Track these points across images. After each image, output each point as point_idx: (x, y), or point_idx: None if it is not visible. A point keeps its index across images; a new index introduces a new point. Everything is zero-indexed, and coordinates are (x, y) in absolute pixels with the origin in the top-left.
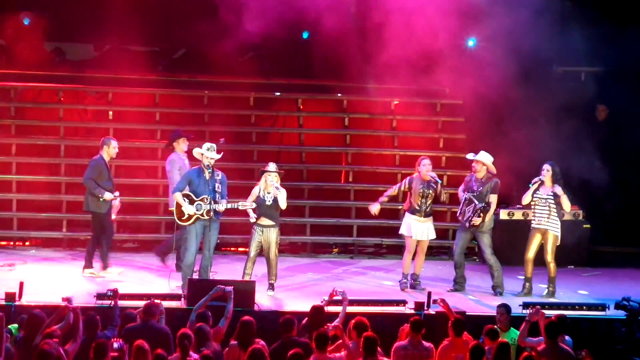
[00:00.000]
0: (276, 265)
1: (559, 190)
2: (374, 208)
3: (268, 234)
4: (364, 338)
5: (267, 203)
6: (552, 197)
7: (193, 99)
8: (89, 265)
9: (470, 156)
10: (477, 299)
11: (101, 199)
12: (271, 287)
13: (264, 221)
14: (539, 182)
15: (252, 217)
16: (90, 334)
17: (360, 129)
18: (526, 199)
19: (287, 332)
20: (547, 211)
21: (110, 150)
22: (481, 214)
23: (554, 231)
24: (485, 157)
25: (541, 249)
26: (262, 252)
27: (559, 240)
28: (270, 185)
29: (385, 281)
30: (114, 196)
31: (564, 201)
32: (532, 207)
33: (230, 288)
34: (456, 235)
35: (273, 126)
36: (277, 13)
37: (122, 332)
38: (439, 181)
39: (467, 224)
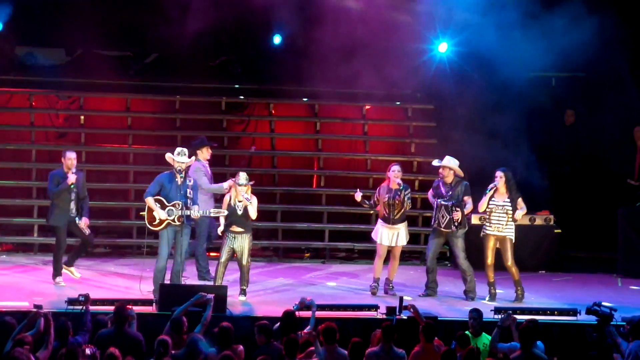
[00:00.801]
0: (248, 271)
1: (519, 214)
2: (357, 196)
3: (240, 241)
4: (352, 344)
5: (239, 212)
6: (509, 204)
7: (165, 104)
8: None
9: (436, 162)
10: (449, 304)
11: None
12: (243, 292)
13: (236, 228)
14: (495, 188)
15: (221, 227)
16: (61, 340)
17: (332, 134)
18: (483, 206)
19: (267, 338)
20: (505, 218)
21: (65, 161)
22: (457, 209)
23: (511, 236)
24: (451, 162)
25: (499, 255)
26: (234, 257)
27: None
28: (240, 195)
29: (356, 286)
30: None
31: (519, 214)
32: (488, 213)
33: (211, 296)
34: (428, 241)
35: (245, 131)
36: (249, 17)
37: (94, 339)
38: (402, 189)
39: (453, 227)
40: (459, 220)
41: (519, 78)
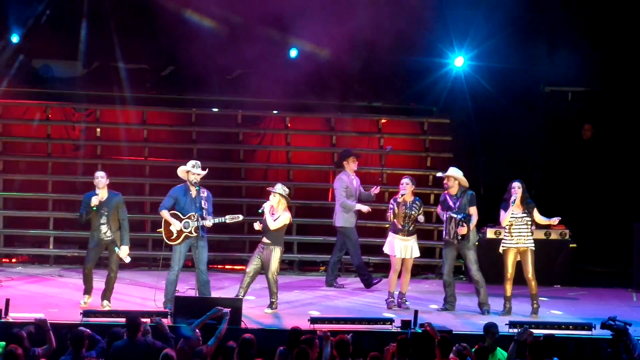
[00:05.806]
0: (275, 284)
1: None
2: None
3: (268, 253)
4: (370, 357)
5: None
6: (527, 215)
7: (181, 117)
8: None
9: (440, 174)
10: (465, 318)
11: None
12: (270, 304)
13: (265, 240)
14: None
15: (257, 226)
16: (75, 350)
17: (348, 147)
18: (506, 220)
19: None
20: (527, 230)
21: (94, 181)
22: (464, 224)
23: (532, 247)
24: (456, 172)
25: (520, 267)
26: (262, 269)
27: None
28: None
29: (371, 299)
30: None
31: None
32: (508, 227)
33: (227, 310)
34: (443, 254)
35: (260, 144)
36: (265, 31)
37: (108, 351)
38: (415, 201)
39: (456, 241)
40: (463, 235)
41: (535, 92)
